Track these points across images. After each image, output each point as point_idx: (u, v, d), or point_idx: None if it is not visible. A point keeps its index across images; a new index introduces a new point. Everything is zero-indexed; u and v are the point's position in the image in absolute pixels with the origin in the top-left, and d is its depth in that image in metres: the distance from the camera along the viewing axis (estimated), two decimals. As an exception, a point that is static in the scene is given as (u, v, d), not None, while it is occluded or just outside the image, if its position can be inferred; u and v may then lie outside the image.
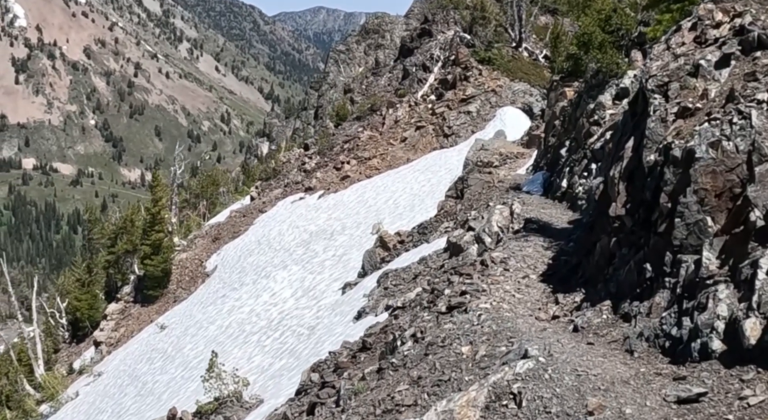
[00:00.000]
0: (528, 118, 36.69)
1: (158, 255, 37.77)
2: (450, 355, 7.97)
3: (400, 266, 18.55)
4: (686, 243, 7.43)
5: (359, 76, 56.94)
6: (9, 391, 35.95)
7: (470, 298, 9.31)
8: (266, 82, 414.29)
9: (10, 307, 43.96)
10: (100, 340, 37.77)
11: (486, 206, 16.66)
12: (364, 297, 18.11)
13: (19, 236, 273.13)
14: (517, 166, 26.81)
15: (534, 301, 9.43)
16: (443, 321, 9.02)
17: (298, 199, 40.89)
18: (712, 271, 7.08)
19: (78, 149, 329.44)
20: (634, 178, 8.44)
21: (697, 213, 7.27)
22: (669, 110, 8.02)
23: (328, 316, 19.05)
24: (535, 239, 11.76)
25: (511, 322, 8.51)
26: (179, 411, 14.68)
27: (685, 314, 7.17)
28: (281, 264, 30.70)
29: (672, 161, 7.63)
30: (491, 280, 10.00)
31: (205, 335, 26.00)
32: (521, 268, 10.54)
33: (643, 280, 7.99)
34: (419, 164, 36.86)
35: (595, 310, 8.37)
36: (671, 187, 7.58)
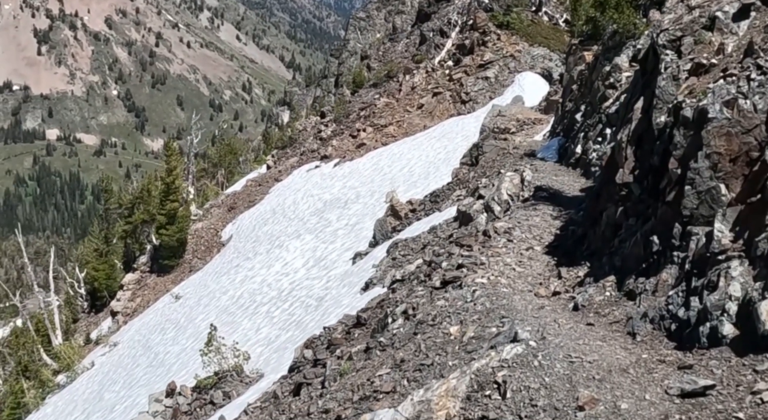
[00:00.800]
0: (547, 83, 35.84)
1: (173, 225, 37.58)
2: (437, 336, 7.42)
3: (411, 236, 18.06)
4: (697, 213, 6.73)
5: (376, 42, 56.04)
6: (27, 362, 36.10)
7: (467, 272, 8.75)
8: (287, 50, 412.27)
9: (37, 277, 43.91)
10: (116, 310, 37.79)
11: (498, 173, 16.06)
12: (373, 267, 17.66)
13: (44, 206, 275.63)
14: (534, 133, 26.12)
15: (535, 276, 8.82)
16: (437, 297, 8.48)
17: (313, 167, 40.44)
18: (724, 246, 6.38)
19: (101, 119, 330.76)
20: (643, 142, 7.76)
21: (710, 180, 6.57)
22: (681, 67, 7.38)
23: (337, 287, 18.65)
24: (543, 208, 11.15)
25: (507, 299, 7.90)
26: (178, 385, 14.40)
27: (693, 293, 6.46)
28: (295, 233, 30.34)
29: (682, 122, 6.91)
30: (492, 252, 9.40)
31: (217, 305, 25.77)
32: (526, 239, 9.93)
33: (650, 253, 7.30)
34: (436, 131, 36.19)
35: (598, 286, 7.73)
36: (681, 152, 6.89)
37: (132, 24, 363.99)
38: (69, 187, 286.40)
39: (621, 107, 10.79)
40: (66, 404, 28.94)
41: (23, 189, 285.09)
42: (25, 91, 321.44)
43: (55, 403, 30.33)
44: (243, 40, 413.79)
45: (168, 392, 14.58)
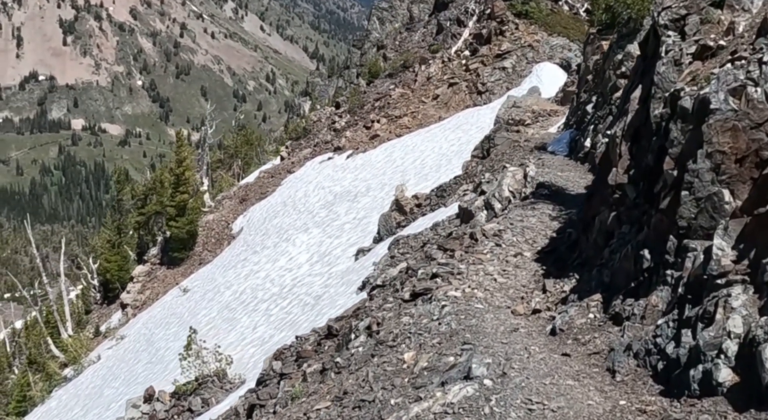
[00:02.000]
0: (566, 74, 34.79)
1: (183, 216, 37.01)
2: (391, 362, 6.54)
3: (413, 232, 17.25)
4: (695, 224, 5.68)
5: (393, 31, 55.11)
6: (35, 355, 35.79)
7: (440, 283, 7.86)
8: (311, 41, 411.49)
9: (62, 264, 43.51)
10: (126, 302, 37.35)
11: (503, 168, 15.20)
12: (373, 265, 16.90)
13: (69, 196, 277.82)
14: (549, 125, 25.21)
15: (518, 288, 7.87)
16: (404, 311, 7.60)
17: (326, 159, 39.70)
18: (724, 267, 5.32)
19: (126, 110, 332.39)
20: (640, 137, 6.75)
21: (711, 184, 5.54)
22: (685, 50, 6.42)
23: (336, 285, 17.90)
24: (543, 207, 10.25)
25: (477, 317, 6.96)
26: (157, 390, 13.73)
27: (686, 325, 5.37)
28: (303, 227, 29.64)
29: (680, 115, 5.86)
30: (474, 258, 8.49)
31: (220, 301, 25.15)
32: (516, 244, 9.01)
33: (640, 270, 6.28)
34: (450, 123, 35.29)
35: (582, 305, 6.74)
36: (678, 150, 5.86)
37: (157, 14, 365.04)
38: (94, 176, 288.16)
39: (620, 98, 9.86)
40: (70, 398, 28.53)
41: (49, 178, 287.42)
42: (50, 82, 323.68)
43: (60, 396, 29.95)
44: (267, 30, 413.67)
45: (146, 397, 13.94)
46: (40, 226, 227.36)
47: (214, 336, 20.64)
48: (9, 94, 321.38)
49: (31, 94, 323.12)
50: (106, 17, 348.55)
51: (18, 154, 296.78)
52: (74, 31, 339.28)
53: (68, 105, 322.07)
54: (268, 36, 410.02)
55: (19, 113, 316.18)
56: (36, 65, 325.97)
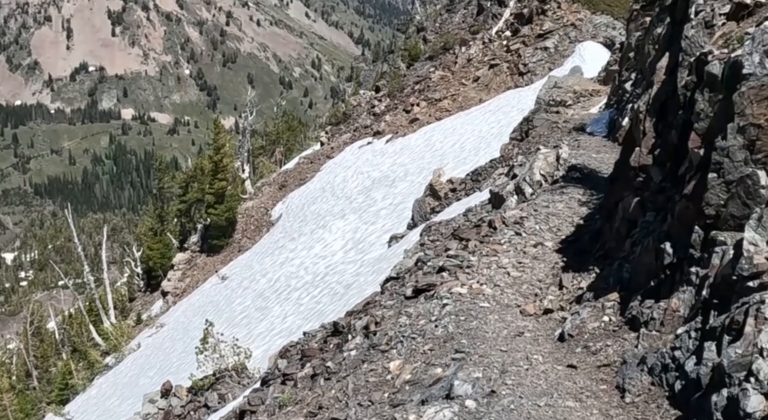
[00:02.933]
0: (609, 53, 33.64)
1: (222, 204, 36.88)
2: (376, 372, 5.88)
3: (446, 218, 16.63)
4: (725, 213, 4.83)
5: (433, 13, 54.20)
6: (78, 343, 36.10)
7: (446, 278, 7.19)
8: (356, 26, 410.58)
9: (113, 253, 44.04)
10: (167, 290, 37.42)
11: (537, 150, 14.47)
12: (404, 253, 16.32)
13: (120, 184, 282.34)
14: (590, 105, 24.28)
15: (533, 283, 7.12)
16: (404, 310, 6.92)
17: (365, 143, 39.16)
18: (758, 266, 4.42)
19: (174, 98, 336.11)
20: (667, 112, 5.94)
21: (744, 164, 4.71)
22: (717, 10, 5.63)
23: (366, 274, 17.38)
24: (572, 191, 9.51)
25: (479, 319, 6.25)
26: (173, 385, 13.38)
27: (709, 336, 4.49)
28: (340, 213, 29.21)
29: (707, 83, 5.04)
30: (489, 249, 7.76)
31: (255, 289, 24.87)
32: (538, 232, 8.29)
33: (662, 266, 5.44)
34: (491, 105, 34.45)
35: (597, 306, 5.96)
36: (705, 124, 5.03)
37: (203, 3, 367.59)
38: (144, 165, 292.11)
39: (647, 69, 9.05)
40: (109, 387, 28.62)
41: (101, 168, 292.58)
42: (100, 72, 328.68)
43: (100, 385, 30.09)
44: (312, 17, 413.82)
45: (163, 392, 13.62)
46: (93, 214, 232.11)
47: (246, 325, 20.36)
48: (60, 86, 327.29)
49: (82, 85, 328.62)
50: (153, 7, 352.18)
51: (70, 144, 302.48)
52: (122, 22, 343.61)
53: (118, 95, 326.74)
54: (313, 22, 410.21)
55: (70, 104, 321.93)
56: (86, 56, 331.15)
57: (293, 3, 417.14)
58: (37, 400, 35.96)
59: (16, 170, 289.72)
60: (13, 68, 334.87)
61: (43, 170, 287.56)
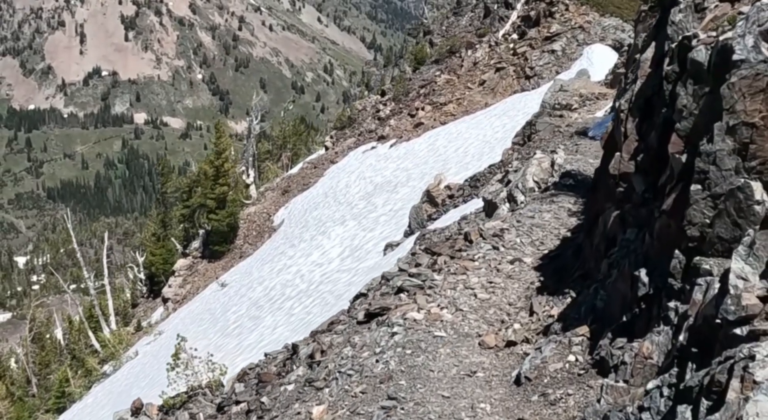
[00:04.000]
0: (618, 55, 32.93)
1: (223, 209, 36.31)
2: (300, 418, 5.25)
3: (441, 226, 15.99)
4: (710, 235, 3.95)
5: (440, 16, 53.57)
6: (76, 350, 35.60)
7: (404, 300, 6.43)
8: (368, 31, 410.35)
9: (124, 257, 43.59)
10: (167, 296, 36.88)
11: (534, 154, 13.80)
12: (397, 261, 15.67)
13: (132, 189, 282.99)
14: (596, 109, 23.59)
15: (501, 308, 6.29)
16: (352, 338, 6.21)
17: (369, 148, 38.58)
18: (748, 308, 3.45)
19: (186, 103, 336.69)
20: (653, 110, 5.05)
21: (733, 174, 3.85)
22: None
23: (359, 283, 16.70)
24: (563, 200, 8.77)
25: (428, 353, 5.46)
26: (144, 403, 12.77)
27: (684, 398, 3.51)
28: (340, 219, 28.60)
29: (691, 72, 4.15)
30: (459, 266, 7.00)
31: (250, 297, 24.25)
32: (519, 246, 7.53)
33: (636, 297, 4.55)
34: (496, 109, 33.79)
35: (563, 342, 5.12)
36: (689, 123, 4.15)
37: (215, 8, 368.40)
38: (156, 169, 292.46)
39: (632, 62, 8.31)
40: (104, 395, 28.07)
41: (113, 172, 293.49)
42: (113, 77, 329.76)
43: (97, 393, 29.54)
44: (324, 21, 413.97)
45: (133, 411, 13.02)
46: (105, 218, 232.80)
47: (238, 335, 19.75)
48: (73, 90, 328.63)
49: (95, 89, 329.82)
50: (166, 12, 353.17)
51: (83, 149, 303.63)
52: (135, 27, 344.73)
53: (131, 99, 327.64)
54: (325, 27, 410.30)
55: (83, 108, 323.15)
56: (99, 61, 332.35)
57: (305, 8, 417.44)
58: (34, 408, 35.47)
59: (29, 174, 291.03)
60: (26, 73, 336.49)
61: (56, 174, 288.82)
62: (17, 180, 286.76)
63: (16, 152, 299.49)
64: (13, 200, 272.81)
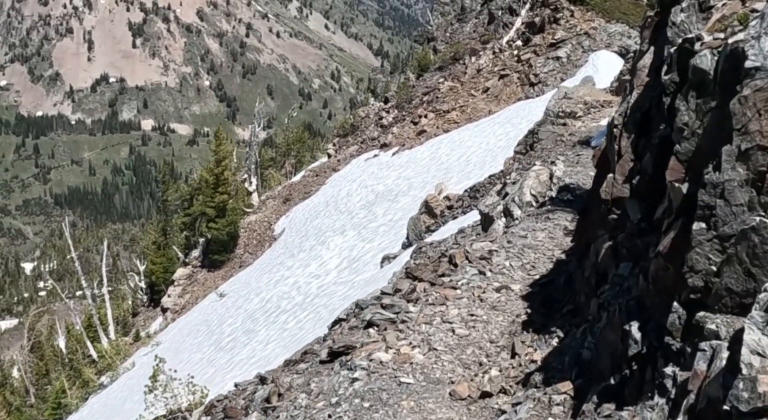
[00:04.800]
0: (624, 62, 32.38)
1: (223, 218, 35.83)
2: None
3: (438, 239, 15.45)
4: (717, 286, 3.16)
5: (443, 23, 53.09)
6: (73, 360, 35.15)
7: (373, 336, 5.81)
8: (375, 38, 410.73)
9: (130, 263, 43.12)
10: (166, 306, 36.40)
11: (533, 165, 13.26)
12: (392, 275, 15.14)
13: (140, 195, 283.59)
14: (601, 117, 22.96)
15: (481, 346, 5.60)
16: (311, 381, 5.60)
17: (372, 156, 38.07)
18: (766, 395, 2.57)
19: (194, 109, 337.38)
20: (651, 125, 4.31)
21: (746, 210, 3.10)
22: None
23: (354, 297, 16.18)
24: (559, 217, 8.15)
25: (389, 407, 4.84)
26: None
27: None
28: (340, 228, 28.09)
29: (694, 83, 3.40)
30: (438, 294, 6.37)
31: (246, 309, 23.73)
32: (508, 271, 6.87)
33: (626, 354, 3.74)
34: (500, 116, 33.23)
35: (543, 399, 4.37)
36: (690, 145, 3.41)
37: (222, 15, 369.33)
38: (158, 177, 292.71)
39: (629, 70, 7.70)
40: (100, 407, 27.62)
41: (120, 178, 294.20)
42: (121, 83, 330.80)
43: (92, 405, 29.09)
44: (331, 28, 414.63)
45: (109, 434, 12.51)
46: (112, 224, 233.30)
47: (231, 349, 19.23)
48: (81, 97, 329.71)
49: (102, 96, 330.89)
50: (174, 19, 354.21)
51: (90, 155, 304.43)
52: (143, 34, 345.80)
53: (138, 106, 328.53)
54: (332, 34, 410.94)
55: (91, 115, 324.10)
56: (106, 68, 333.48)
57: (313, 15, 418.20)
58: (32, 419, 35.04)
59: (36, 180, 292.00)
60: (34, 79, 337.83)
61: (63, 180, 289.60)
62: (25, 186, 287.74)
63: (23, 158, 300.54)
64: (21, 206, 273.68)
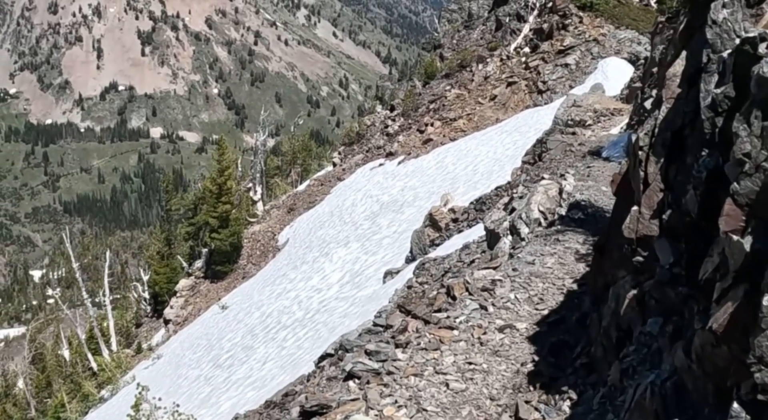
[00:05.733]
0: (634, 69, 31.68)
1: (226, 228, 35.24)
2: None
3: (442, 254, 14.80)
4: None
5: (450, 30, 52.48)
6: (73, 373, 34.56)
7: (353, 392, 5.05)
8: (383, 45, 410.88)
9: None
10: (168, 318, 35.79)
11: (541, 179, 12.59)
12: (394, 292, 14.49)
13: (148, 203, 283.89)
14: (611, 125, 22.35)
15: (479, 405, 4.76)
16: None
17: (377, 165, 37.43)
18: None
19: (202, 117, 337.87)
20: (685, 147, 3.37)
21: None
22: None
23: (353, 316, 15.54)
24: (570, 239, 7.34)
25: None
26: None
27: None
28: (344, 240, 27.44)
29: (760, 98, 2.41)
30: (432, 337, 5.46)
31: (247, 323, 23.10)
32: (513, 305, 5.99)
33: None
34: (508, 125, 32.57)
35: None
36: (754, 184, 2.43)
37: (231, 23, 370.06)
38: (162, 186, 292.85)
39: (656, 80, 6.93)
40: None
41: (129, 186, 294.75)
42: (130, 91, 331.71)
43: (92, 419, 28.51)
44: (339, 36, 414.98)
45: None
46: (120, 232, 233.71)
47: (229, 367, 18.58)
48: (90, 105, 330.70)
49: (112, 104, 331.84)
50: (183, 27, 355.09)
51: (99, 163, 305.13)
52: (152, 42, 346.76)
53: (147, 114, 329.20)
54: (340, 42, 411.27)
55: (100, 123, 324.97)
56: (116, 76, 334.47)
57: (321, 23, 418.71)
58: (32, 433, 34.49)
59: (45, 188, 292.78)
60: (44, 87, 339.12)
61: (72, 188, 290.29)
62: (34, 194, 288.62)
63: (33, 166, 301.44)
64: (30, 214, 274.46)
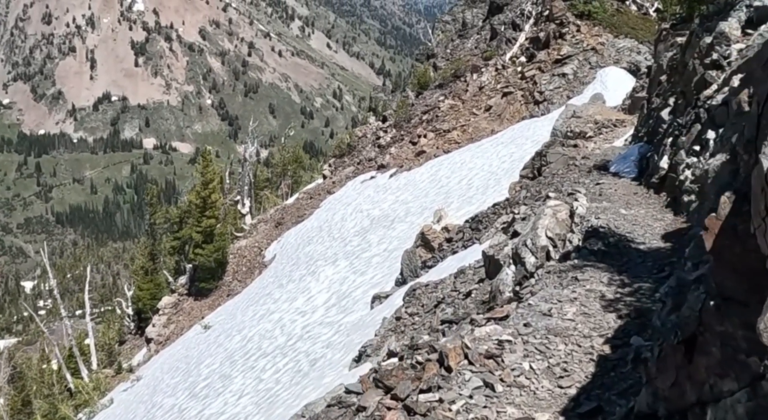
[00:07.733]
0: (634, 79, 30.45)
1: (210, 243, 33.80)
2: None
3: (435, 279, 13.42)
4: None
5: (444, 39, 51.27)
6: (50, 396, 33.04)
7: None
8: (377, 57, 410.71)
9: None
10: (150, 336, 34.29)
11: (546, 198, 11.22)
12: (382, 321, 13.09)
13: (141, 213, 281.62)
14: (614, 137, 21.06)
15: None
16: None
17: (368, 178, 36.08)
18: None
19: (195, 128, 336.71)
20: None
21: None
22: None
23: (337, 346, 14.14)
24: (592, 278, 5.84)
25: None
26: None
27: None
28: (332, 257, 26.04)
29: None
30: None
31: (227, 347, 21.66)
32: (526, 381, 4.36)
33: None
34: (503, 136, 31.29)
35: None
36: None
37: (225, 34, 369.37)
38: (165, 194, 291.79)
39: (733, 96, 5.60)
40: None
41: (122, 197, 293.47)
42: (123, 102, 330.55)
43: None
44: (333, 47, 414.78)
45: None
46: (113, 243, 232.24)
47: (204, 398, 17.14)
48: (83, 115, 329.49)
49: (105, 114, 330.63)
50: (176, 38, 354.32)
51: (92, 173, 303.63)
52: (145, 53, 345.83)
53: (140, 124, 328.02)
54: (334, 53, 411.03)
55: (92, 133, 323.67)
56: (109, 86, 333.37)
57: (315, 34, 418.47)
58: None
59: (38, 199, 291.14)
60: (37, 98, 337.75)
61: (65, 199, 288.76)
62: (26, 204, 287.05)
63: (25, 177, 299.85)
64: (22, 224, 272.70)
